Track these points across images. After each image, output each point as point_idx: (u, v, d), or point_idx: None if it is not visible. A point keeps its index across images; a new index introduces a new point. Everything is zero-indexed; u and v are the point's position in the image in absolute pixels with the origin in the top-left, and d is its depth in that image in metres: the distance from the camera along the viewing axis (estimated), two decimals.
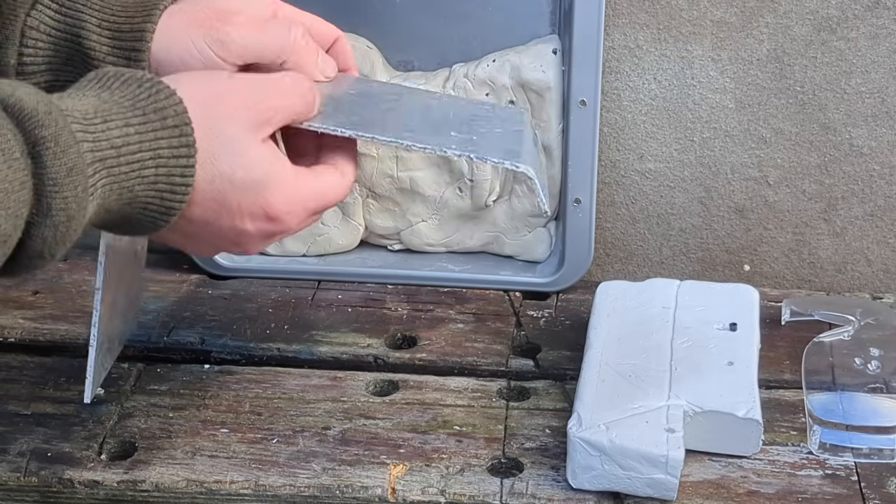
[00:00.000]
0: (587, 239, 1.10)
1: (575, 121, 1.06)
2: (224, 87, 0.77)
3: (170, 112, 0.72)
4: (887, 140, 1.10)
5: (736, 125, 1.10)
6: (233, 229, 0.78)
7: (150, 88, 0.73)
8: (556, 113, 1.08)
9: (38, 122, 0.66)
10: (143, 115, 0.72)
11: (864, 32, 1.06)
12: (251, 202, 0.77)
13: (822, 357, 0.97)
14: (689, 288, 1.02)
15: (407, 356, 1.02)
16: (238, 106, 0.76)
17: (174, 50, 0.81)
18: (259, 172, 0.77)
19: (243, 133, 0.76)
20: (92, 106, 0.70)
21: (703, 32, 1.08)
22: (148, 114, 0.72)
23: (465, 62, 1.09)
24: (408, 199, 1.11)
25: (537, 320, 1.07)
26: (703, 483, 0.86)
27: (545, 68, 1.07)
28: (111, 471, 0.88)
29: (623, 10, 1.08)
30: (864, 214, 1.12)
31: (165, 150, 0.72)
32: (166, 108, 0.72)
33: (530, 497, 0.85)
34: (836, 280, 1.15)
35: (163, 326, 1.05)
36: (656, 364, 0.93)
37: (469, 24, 1.08)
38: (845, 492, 0.86)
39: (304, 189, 0.80)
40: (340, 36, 0.89)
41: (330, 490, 0.86)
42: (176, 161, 0.72)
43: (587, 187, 1.08)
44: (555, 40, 1.08)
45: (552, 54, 1.07)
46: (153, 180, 0.72)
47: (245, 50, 0.82)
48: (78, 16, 0.82)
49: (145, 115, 0.72)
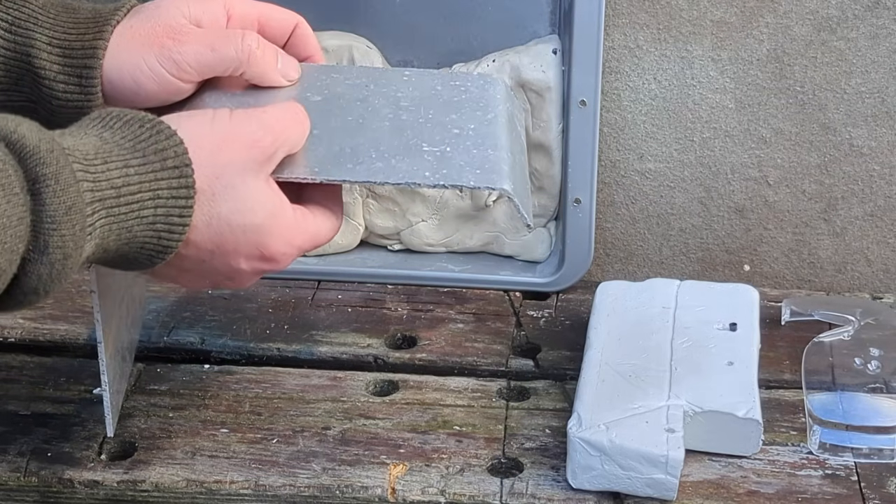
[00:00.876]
0: (587, 239, 1.10)
1: (575, 121, 1.06)
2: (225, 127, 0.77)
3: (170, 153, 0.72)
4: (887, 140, 1.10)
5: (736, 125, 1.10)
6: (227, 267, 0.78)
7: (152, 129, 0.73)
8: (556, 112, 1.08)
9: (39, 160, 0.66)
10: (144, 156, 0.72)
11: (864, 32, 1.06)
12: (249, 244, 0.77)
13: (822, 357, 0.97)
14: (689, 288, 1.02)
15: (407, 356, 1.02)
16: (240, 147, 0.76)
17: (126, 69, 0.81)
18: (260, 216, 0.77)
19: (245, 175, 0.76)
20: (93, 146, 0.70)
21: (703, 32, 1.08)
22: (148, 155, 0.72)
23: (465, 62, 1.09)
24: (407, 199, 1.11)
25: (537, 320, 1.07)
26: (703, 483, 0.86)
27: (545, 68, 1.07)
28: (111, 471, 0.88)
29: (623, 10, 1.08)
30: (864, 214, 1.12)
31: (165, 190, 0.72)
32: (167, 149, 0.72)
33: (530, 497, 0.85)
34: (836, 280, 1.15)
35: (163, 326, 1.05)
36: (656, 364, 0.93)
37: (469, 24, 1.08)
38: (845, 492, 0.86)
39: (302, 232, 0.81)
40: (300, 22, 0.88)
41: (330, 490, 0.86)
42: (175, 202, 0.73)
43: (587, 187, 1.08)
44: (555, 40, 1.07)
45: (552, 54, 1.07)
46: (152, 220, 0.72)
47: (200, 66, 0.82)
48: (27, 34, 0.81)
49: (145, 157, 0.72)
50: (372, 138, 0.84)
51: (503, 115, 0.88)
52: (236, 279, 0.80)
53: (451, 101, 0.88)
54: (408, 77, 0.90)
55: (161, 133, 0.73)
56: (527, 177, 0.89)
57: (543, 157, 1.09)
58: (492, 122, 0.86)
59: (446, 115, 0.86)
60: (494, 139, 0.85)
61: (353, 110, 0.86)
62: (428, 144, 0.84)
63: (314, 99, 0.86)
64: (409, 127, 0.85)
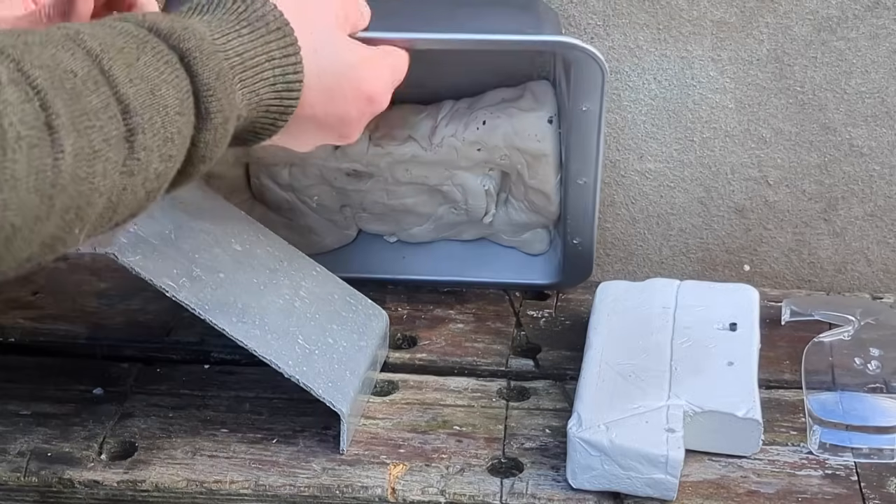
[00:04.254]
0: (585, 271, 1.08)
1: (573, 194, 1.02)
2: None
3: (270, 17, 0.76)
4: (887, 140, 1.10)
5: (736, 125, 1.10)
6: (337, 118, 0.82)
7: (245, 1, 0.76)
8: (553, 169, 1.04)
9: (179, 38, 0.69)
10: (249, 24, 0.75)
11: (864, 32, 1.06)
12: (352, 87, 0.82)
13: (822, 357, 0.97)
14: (689, 288, 1.02)
15: (407, 356, 1.02)
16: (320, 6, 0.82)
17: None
18: (353, 57, 0.82)
19: (332, 28, 0.82)
20: (204, 26, 0.73)
21: (703, 32, 1.08)
22: (253, 22, 0.75)
23: (454, 99, 1.06)
24: (400, 213, 1.10)
25: (537, 320, 1.07)
26: (703, 483, 0.86)
27: (540, 137, 1.02)
28: (111, 471, 0.88)
29: (623, 10, 1.07)
30: (864, 214, 1.12)
31: (276, 51, 0.75)
32: (266, 14, 0.76)
33: (530, 497, 0.85)
34: (836, 280, 1.15)
35: (163, 326, 1.05)
36: (656, 364, 0.93)
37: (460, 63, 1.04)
38: (845, 492, 0.86)
39: (385, 65, 0.86)
40: None
41: (330, 490, 0.86)
42: (286, 60, 0.76)
43: (588, 232, 1.04)
44: (548, 91, 1.04)
45: (547, 123, 1.02)
46: (272, 81, 0.75)
47: None
48: None
49: (251, 24, 0.75)
50: (262, 307, 0.92)
51: (372, 347, 0.96)
52: (346, 129, 0.84)
53: (339, 314, 0.96)
54: (317, 273, 1.00)
55: (256, 2, 0.76)
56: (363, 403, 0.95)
57: (542, 198, 1.06)
58: (361, 349, 0.95)
59: (330, 322, 0.95)
60: (356, 364, 0.93)
61: (261, 275, 0.95)
62: (303, 338, 0.92)
63: (235, 247, 0.95)
64: (295, 314, 0.94)
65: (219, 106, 0.70)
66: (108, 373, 0.99)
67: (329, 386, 0.89)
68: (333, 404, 0.88)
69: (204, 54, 0.69)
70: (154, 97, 0.65)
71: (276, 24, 0.76)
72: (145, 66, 0.66)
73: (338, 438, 0.89)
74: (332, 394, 0.89)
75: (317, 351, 0.91)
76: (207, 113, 0.69)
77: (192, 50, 0.69)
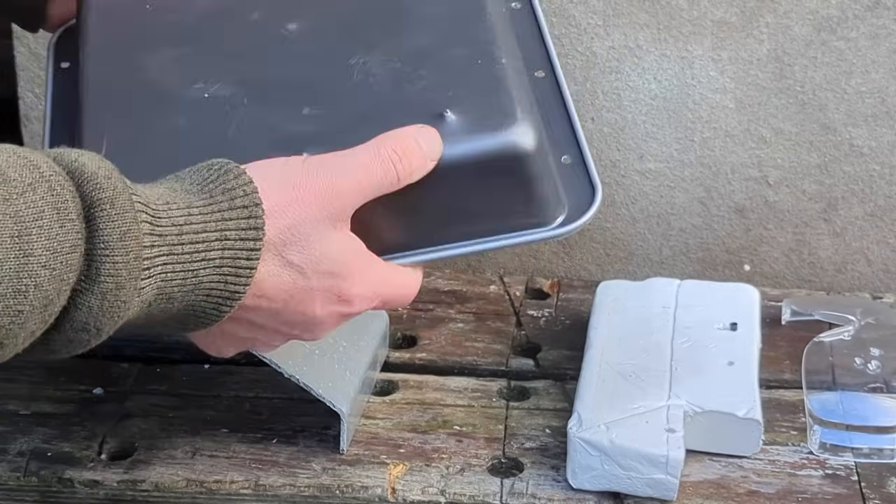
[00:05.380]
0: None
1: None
2: (299, 172, 0.72)
3: (238, 192, 0.69)
4: (887, 140, 1.10)
5: (736, 125, 1.10)
6: (301, 316, 0.74)
7: (220, 170, 0.70)
8: None
9: (96, 185, 0.63)
10: (210, 196, 0.69)
11: (864, 32, 1.06)
12: (324, 288, 0.73)
13: (823, 357, 0.97)
14: (689, 287, 1.02)
15: (407, 356, 1.02)
16: (313, 195, 0.72)
17: None
18: (337, 263, 0.73)
19: (319, 225, 0.72)
20: (158, 193, 0.68)
21: (703, 32, 1.08)
22: (215, 195, 0.69)
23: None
24: None
25: (537, 320, 1.07)
26: (703, 483, 0.86)
27: None
28: (111, 471, 0.88)
29: (623, 10, 1.08)
30: (865, 214, 1.12)
31: (233, 231, 0.69)
32: (235, 188, 0.69)
33: (530, 497, 0.85)
34: (836, 280, 1.15)
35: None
36: (656, 364, 0.93)
37: None
38: (845, 492, 0.86)
39: (384, 280, 0.77)
40: None
41: (330, 490, 0.86)
42: (242, 244, 0.69)
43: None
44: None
45: None
46: (219, 263, 0.68)
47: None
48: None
49: (212, 197, 0.69)
50: None
51: (372, 347, 0.95)
52: (313, 328, 0.76)
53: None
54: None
55: (229, 173, 0.70)
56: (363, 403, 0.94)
57: None
58: (361, 349, 0.94)
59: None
60: (356, 364, 0.92)
61: None
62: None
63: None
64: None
65: (113, 270, 0.63)
66: (108, 373, 0.99)
67: (329, 386, 0.89)
68: (333, 404, 0.88)
69: (116, 208, 0.63)
70: (18, 240, 0.59)
71: (243, 203, 0.69)
72: (25, 204, 0.60)
73: (338, 438, 0.89)
74: (332, 394, 0.88)
75: (317, 351, 0.91)
76: (97, 274, 0.63)
77: (102, 202, 0.63)
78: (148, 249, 0.65)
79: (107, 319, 0.64)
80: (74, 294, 0.63)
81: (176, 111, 0.81)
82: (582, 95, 1.10)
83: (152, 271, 0.66)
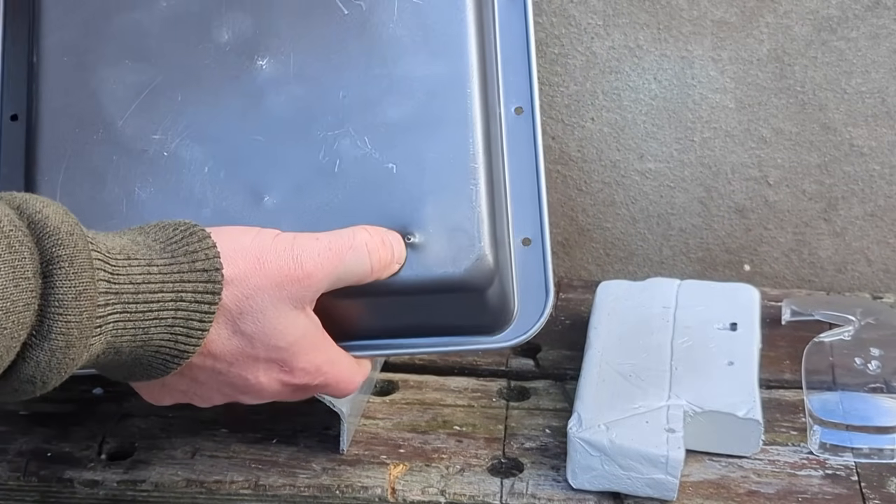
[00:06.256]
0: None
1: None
2: (268, 247, 0.73)
3: (200, 255, 0.70)
4: (887, 140, 1.10)
5: (736, 125, 1.10)
6: (243, 380, 0.75)
7: (185, 231, 0.70)
8: None
9: (57, 241, 0.63)
10: (172, 256, 0.69)
11: (864, 32, 1.06)
12: (270, 360, 0.75)
13: (823, 357, 0.97)
14: (689, 287, 1.02)
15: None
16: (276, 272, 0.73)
17: None
18: (289, 340, 0.74)
19: (275, 302, 0.73)
20: (120, 245, 0.68)
21: (703, 32, 1.08)
22: (177, 256, 0.69)
23: None
24: None
25: None
26: (703, 483, 0.86)
27: None
28: (111, 471, 0.88)
29: (623, 10, 1.08)
30: (865, 214, 1.12)
31: (189, 294, 0.69)
32: (197, 251, 0.70)
33: (530, 497, 0.85)
34: (836, 280, 1.15)
35: None
36: (656, 364, 0.93)
37: None
38: (845, 492, 0.86)
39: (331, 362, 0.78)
40: None
41: (330, 490, 0.86)
42: (197, 307, 0.69)
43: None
44: None
45: None
46: (171, 323, 0.69)
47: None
48: None
49: (174, 257, 0.69)
50: None
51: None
52: (256, 393, 0.77)
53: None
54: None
55: (194, 235, 0.70)
56: (363, 403, 0.94)
57: None
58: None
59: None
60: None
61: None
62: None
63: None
64: None
65: (65, 328, 0.63)
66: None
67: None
68: (333, 404, 0.88)
69: (74, 267, 0.63)
70: None
71: (203, 266, 0.69)
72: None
73: (338, 438, 0.89)
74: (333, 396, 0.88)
75: None
76: (49, 332, 0.63)
77: (62, 259, 0.63)
78: (101, 308, 0.65)
79: (53, 374, 0.65)
80: (24, 348, 0.63)
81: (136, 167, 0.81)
82: (582, 95, 1.10)
83: (104, 328, 0.66)
